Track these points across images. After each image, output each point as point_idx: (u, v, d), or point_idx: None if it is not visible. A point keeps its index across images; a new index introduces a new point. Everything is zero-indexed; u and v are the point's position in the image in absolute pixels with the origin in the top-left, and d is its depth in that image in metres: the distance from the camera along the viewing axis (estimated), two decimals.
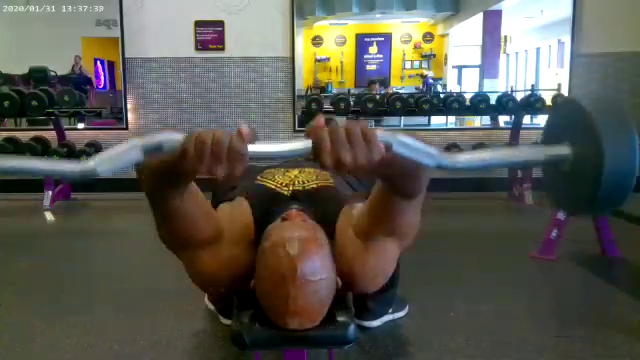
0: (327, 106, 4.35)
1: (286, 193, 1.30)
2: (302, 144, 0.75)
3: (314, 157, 0.74)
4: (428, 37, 6.63)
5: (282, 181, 1.34)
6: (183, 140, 0.75)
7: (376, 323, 2.00)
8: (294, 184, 1.33)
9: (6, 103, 4.02)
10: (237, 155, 0.73)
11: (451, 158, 0.78)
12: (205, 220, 1.12)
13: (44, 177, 4.08)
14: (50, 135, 4.38)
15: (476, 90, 6.15)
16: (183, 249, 1.15)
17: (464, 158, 0.79)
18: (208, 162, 0.73)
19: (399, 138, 0.74)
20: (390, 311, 2.05)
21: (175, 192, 1.00)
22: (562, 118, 0.84)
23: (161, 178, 0.94)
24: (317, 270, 1.03)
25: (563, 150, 0.79)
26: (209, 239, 1.13)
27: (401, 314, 2.09)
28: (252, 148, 0.76)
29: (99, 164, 0.73)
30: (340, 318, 1.14)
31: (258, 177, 1.40)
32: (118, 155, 0.74)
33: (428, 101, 4.30)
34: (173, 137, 0.75)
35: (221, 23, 4.66)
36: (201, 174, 0.76)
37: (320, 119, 0.74)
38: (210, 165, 0.73)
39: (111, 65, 4.90)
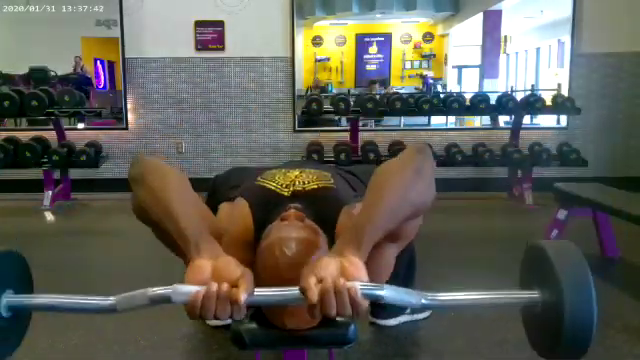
0: (327, 106, 4.35)
1: (286, 194, 1.30)
2: (297, 295, 0.84)
3: (306, 308, 0.83)
4: (428, 37, 6.64)
5: (282, 182, 1.34)
6: (186, 308, 0.84)
7: (392, 322, 1.99)
8: (294, 185, 1.32)
9: (6, 103, 4.01)
10: (236, 311, 0.82)
11: (433, 298, 0.87)
12: (203, 223, 1.11)
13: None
14: (50, 135, 4.38)
15: (476, 90, 6.15)
16: (176, 249, 1.14)
17: (445, 298, 0.88)
18: (211, 318, 0.83)
19: (387, 291, 0.82)
20: (408, 311, 2.04)
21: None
22: (531, 263, 0.90)
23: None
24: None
25: (533, 295, 0.85)
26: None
27: (422, 316, 2.08)
28: (251, 299, 0.84)
29: (119, 302, 0.92)
30: (340, 318, 1.13)
31: (258, 178, 1.39)
32: (133, 297, 0.90)
33: (428, 101, 4.30)
34: (182, 292, 0.84)
35: (221, 23, 4.66)
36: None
37: (312, 281, 0.82)
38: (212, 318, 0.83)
39: (111, 65, 4.90)
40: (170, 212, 0.95)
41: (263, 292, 0.86)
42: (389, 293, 0.83)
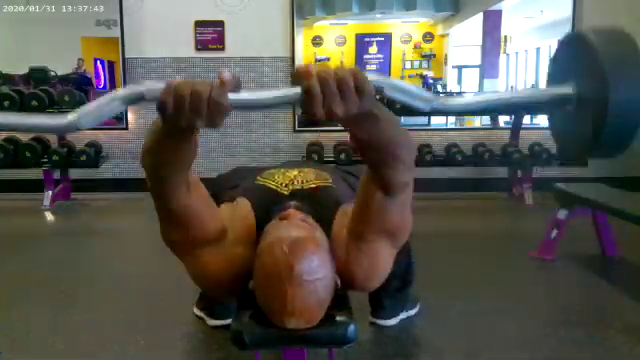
0: None
1: (285, 192, 1.31)
2: (290, 91, 0.71)
3: (303, 107, 0.71)
4: (428, 37, 6.63)
5: (281, 181, 1.35)
6: (161, 91, 0.72)
7: (392, 322, 2.00)
8: (293, 183, 1.33)
9: (6, 103, 4.01)
10: (218, 106, 0.70)
11: (445, 101, 0.75)
12: (210, 216, 1.12)
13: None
14: (50, 135, 4.38)
15: (476, 90, 6.15)
16: (187, 249, 1.14)
17: (460, 101, 0.76)
18: (187, 115, 0.71)
19: (390, 81, 0.72)
20: (404, 309, 2.04)
21: (177, 179, 0.99)
22: (567, 55, 0.80)
23: (160, 156, 0.93)
24: (314, 269, 1.03)
25: (567, 90, 0.75)
26: (214, 237, 1.13)
27: (413, 311, 2.10)
28: (235, 96, 0.72)
29: (81, 116, 0.73)
30: (340, 318, 1.14)
31: (258, 177, 1.40)
32: (99, 107, 0.73)
33: None
34: (155, 87, 0.73)
35: (221, 23, 4.66)
36: (182, 126, 0.74)
37: (310, 66, 0.71)
38: (190, 118, 0.71)
39: (111, 65, 4.90)
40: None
41: (250, 92, 0.73)
42: (394, 84, 0.72)
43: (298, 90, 0.71)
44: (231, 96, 0.72)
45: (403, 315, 2.04)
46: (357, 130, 0.90)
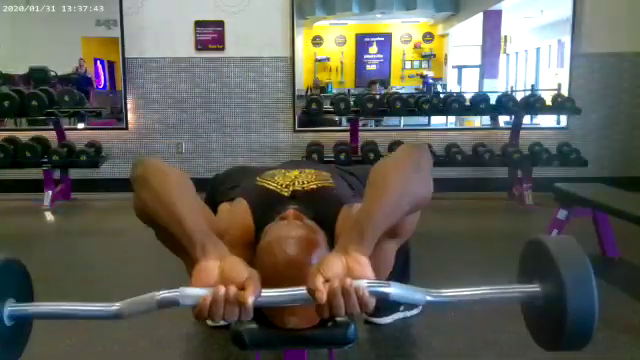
0: (327, 106, 4.35)
1: (286, 194, 1.30)
2: (304, 294, 0.84)
3: (315, 308, 0.84)
4: (428, 37, 6.64)
5: (282, 182, 1.34)
6: (195, 313, 0.84)
7: (387, 320, 2.00)
8: (294, 184, 1.33)
9: (6, 103, 4.01)
10: (244, 313, 0.83)
11: (437, 295, 0.87)
12: (205, 222, 1.11)
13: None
14: (50, 135, 4.38)
15: (476, 90, 6.15)
16: (181, 253, 1.14)
17: (448, 295, 0.88)
18: (219, 320, 0.84)
19: (394, 289, 0.84)
20: (401, 309, 2.05)
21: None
22: (531, 257, 0.92)
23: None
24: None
25: (534, 288, 0.87)
26: None
27: (414, 312, 2.10)
28: (259, 300, 0.84)
29: (124, 308, 0.90)
30: (340, 318, 1.13)
31: (258, 178, 1.39)
32: (139, 302, 0.90)
33: (428, 101, 4.30)
34: (190, 296, 0.84)
35: (221, 23, 4.66)
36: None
37: (319, 281, 0.83)
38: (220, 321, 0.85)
39: (111, 65, 4.90)
40: (174, 214, 0.95)
41: (270, 293, 0.86)
42: (395, 290, 0.84)
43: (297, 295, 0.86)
44: (252, 300, 0.84)
45: (399, 315, 2.05)
46: None
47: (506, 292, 0.90)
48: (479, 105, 4.33)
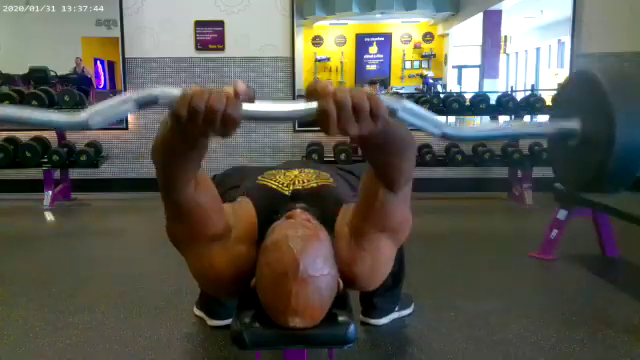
0: None
1: (287, 193, 1.31)
2: (305, 107, 0.72)
3: (318, 123, 0.72)
4: (428, 37, 6.62)
5: (283, 181, 1.35)
6: (176, 101, 0.73)
7: (383, 321, 2.00)
8: (294, 184, 1.34)
9: (6, 103, 4.01)
10: (231, 120, 0.72)
11: (455, 128, 0.77)
12: (217, 213, 1.13)
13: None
14: (50, 135, 4.38)
15: (476, 90, 6.15)
16: (191, 244, 1.15)
17: (469, 130, 0.78)
18: (201, 126, 0.73)
19: (404, 104, 0.73)
20: (396, 309, 2.05)
21: (186, 176, 1.00)
22: (574, 92, 0.82)
23: (170, 154, 0.95)
24: (319, 267, 1.04)
25: (572, 125, 0.77)
26: (219, 233, 1.14)
27: (407, 312, 2.10)
28: (250, 107, 0.74)
29: (91, 116, 0.73)
30: (341, 318, 1.14)
31: (259, 177, 1.40)
32: (111, 107, 0.74)
33: (428, 101, 4.30)
34: (169, 92, 0.74)
35: (221, 23, 4.66)
36: (194, 134, 0.76)
37: (327, 85, 0.72)
38: (203, 129, 0.73)
39: (111, 65, 4.90)
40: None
41: (265, 103, 0.76)
42: (407, 106, 0.74)
43: (313, 106, 0.72)
44: (245, 106, 0.73)
45: (395, 315, 2.05)
46: (368, 142, 0.93)
47: (542, 127, 0.81)
48: (479, 105, 4.33)
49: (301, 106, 0.73)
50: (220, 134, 0.74)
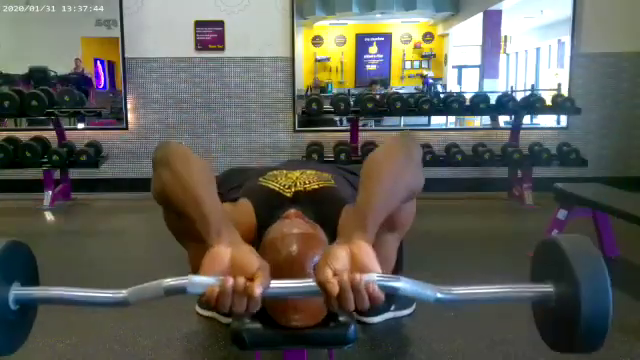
0: (327, 106, 4.35)
1: (288, 194, 1.31)
2: (313, 287, 0.83)
3: (324, 300, 0.83)
4: (428, 37, 6.63)
5: (284, 182, 1.35)
6: (204, 298, 0.82)
7: (377, 319, 2.01)
8: (296, 185, 1.33)
9: (6, 103, 4.01)
10: (252, 305, 0.82)
11: (448, 292, 0.86)
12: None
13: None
14: (50, 135, 4.38)
15: (476, 90, 6.15)
16: (189, 242, 1.15)
17: (459, 292, 0.87)
18: (227, 311, 0.83)
19: (403, 285, 0.82)
20: (392, 308, 2.05)
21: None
22: (544, 257, 0.91)
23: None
24: None
25: (547, 288, 0.85)
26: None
27: (406, 312, 2.10)
28: (266, 291, 0.84)
29: (130, 295, 0.87)
30: (341, 318, 1.14)
31: (260, 179, 1.40)
32: (146, 289, 0.87)
33: (428, 101, 4.30)
34: (198, 284, 0.83)
35: (221, 23, 4.66)
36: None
37: (329, 274, 0.82)
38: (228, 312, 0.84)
39: (111, 65, 4.90)
40: (193, 195, 0.95)
41: (279, 284, 0.85)
42: (405, 285, 0.83)
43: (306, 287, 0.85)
44: (260, 292, 0.83)
45: (389, 314, 2.05)
46: None
47: (518, 291, 0.89)
48: (479, 105, 4.33)
49: (311, 287, 0.84)
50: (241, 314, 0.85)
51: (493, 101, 4.37)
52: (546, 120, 5.15)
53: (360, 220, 0.92)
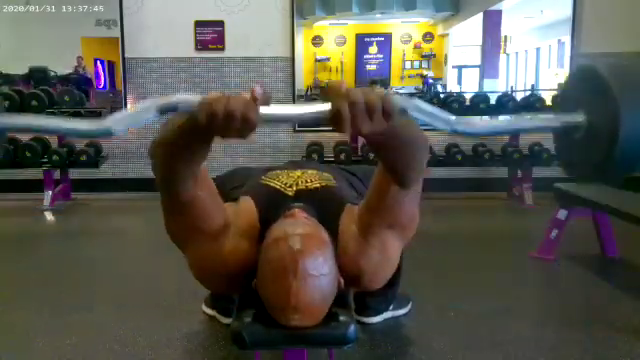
0: None
1: (290, 193, 1.31)
2: (319, 108, 0.74)
3: (332, 124, 0.75)
4: (428, 37, 6.62)
5: (286, 181, 1.36)
6: (196, 107, 0.76)
7: (376, 319, 2.01)
8: (297, 184, 1.34)
9: (6, 103, 4.01)
10: (249, 123, 0.75)
11: (465, 124, 0.79)
12: (216, 209, 1.14)
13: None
14: (50, 135, 4.38)
15: (476, 90, 6.15)
16: (190, 239, 1.15)
17: (478, 124, 0.80)
18: (219, 130, 0.76)
19: (415, 102, 0.76)
20: (391, 308, 2.05)
21: (189, 172, 1.02)
22: (578, 85, 0.84)
23: (175, 151, 0.96)
24: (319, 265, 1.04)
25: (578, 117, 0.80)
26: (218, 230, 1.15)
27: (403, 311, 2.10)
28: (266, 110, 0.77)
29: (115, 123, 0.77)
30: (341, 318, 1.14)
31: (262, 177, 1.41)
32: (134, 115, 0.78)
33: (428, 101, 4.30)
34: (188, 100, 0.77)
35: (221, 23, 4.66)
36: (211, 135, 0.82)
37: (341, 85, 0.74)
38: (221, 132, 0.77)
39: (111, 65, 4.90)
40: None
41: (280, 106, 0.78)
42: (420, 104, 0.76)
43: (327, 107, 0.74)
44: (261, 109, 0.76)
45: (388, 314, 2.05)
46: (380, 141, 0.94)
47: (546, 121, 0.83)
48: (479, 105, 4.33)
49: (315, 108, 0.75)
50: (238, 136, 0.76)
51: (493, 101, 4.37)
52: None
53: None
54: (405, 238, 1.21)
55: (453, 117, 0.78)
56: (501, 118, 0.89)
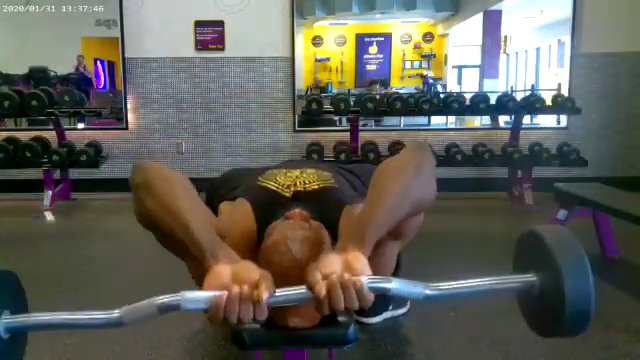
0: (327, 106, 4.35)
1: (287, 194, 1.30)
2: (306, 294, 0.85)
3: (315, 305, 0.84)
4: (428, 37, 6.63)
5: (284, 182, 1.34)
6: (209, 312, 0.85)
7: (375, 319, 2.01)
8: (295, 185, 1.33)
9: (6, 103, 4.01)
10: (259, 312, 0.84)
11: (435, 287, 0.88)
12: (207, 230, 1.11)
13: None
14: (50, 135, 4.38)
15: (476, 90, 6.15)
16: (188, 256, 1.14)
17: (447, 287, 0.89)
18: (235, 321, 0.85)
19: (393, 285, 0.85)
20: (390, 308, 2.05)
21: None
22: (527, 248, 0.94)
23: (175, 244, 1.03)
24: None
25: (530, 278, 0.89)
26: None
27: (402, 311, 2.10)
28: (271, 300, 0.85)
29: (125, 315, 0.88)
30: (340, 318, 1.14)
31: (259, 178, 1.39)
32: (141, 308, 0.88)
33: (428, 101, 4.30)
34: (191, 299, 0.85)
35: (221, 23, 4.66)
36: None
37: (318, 276, 0.84)
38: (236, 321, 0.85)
39: (111, 65, 4.90)
40: (182, 222, 0.95)
41: (282, 292, 0.87)
42: (395, 285, 0.85)
43: (309, 294, 0.86)
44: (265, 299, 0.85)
45: (388, 314, 2.05)
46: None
47: (503, 283, 0.92)
48: (479, 105, 4.33)
49: (304, 295, 0.86)
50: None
51: (493, 101, 4.37)
52: (546, 120, 5.15)
53: (360, 233, 0.93)
54: (404, 242, 1.21)
55: (426, 290, 0.87)
56: (466, 283, 0.98)
